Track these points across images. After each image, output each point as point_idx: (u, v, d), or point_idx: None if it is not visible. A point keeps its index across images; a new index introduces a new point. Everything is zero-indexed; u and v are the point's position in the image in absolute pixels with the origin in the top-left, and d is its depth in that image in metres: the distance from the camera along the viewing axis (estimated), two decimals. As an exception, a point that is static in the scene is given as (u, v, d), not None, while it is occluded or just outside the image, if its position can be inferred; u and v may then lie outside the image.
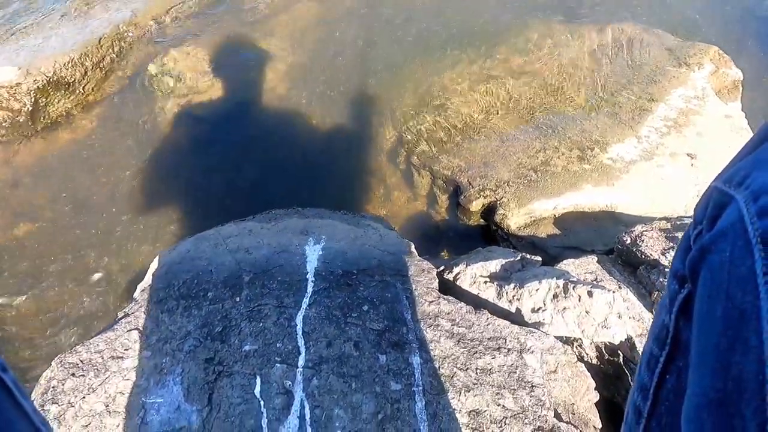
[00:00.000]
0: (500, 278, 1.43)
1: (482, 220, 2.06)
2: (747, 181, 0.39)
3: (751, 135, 0.54)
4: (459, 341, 1.19)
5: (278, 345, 1.16)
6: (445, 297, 1.31)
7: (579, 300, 1.28)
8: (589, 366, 1.27)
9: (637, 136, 2.15)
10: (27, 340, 1.73)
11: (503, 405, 1.07)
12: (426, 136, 2.26)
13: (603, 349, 1.32)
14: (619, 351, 1.29)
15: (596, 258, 1.59)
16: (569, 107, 2.30)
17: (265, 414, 1.04)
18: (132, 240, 1.94)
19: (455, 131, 2.26)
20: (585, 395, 1.18)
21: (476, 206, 2.02)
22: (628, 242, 1.58)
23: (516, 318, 1.31)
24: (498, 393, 1.09)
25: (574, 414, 1.14)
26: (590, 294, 1.27)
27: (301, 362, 1.12)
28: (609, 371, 1.31)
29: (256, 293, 1.28)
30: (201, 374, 1.11)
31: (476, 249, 1.71)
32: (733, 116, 2.28)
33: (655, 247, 1.51)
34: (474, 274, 1.43)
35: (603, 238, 1.87)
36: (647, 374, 0.49)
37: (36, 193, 2.05)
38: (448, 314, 1.25)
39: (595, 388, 1.20)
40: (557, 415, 1.09)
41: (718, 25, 2.96)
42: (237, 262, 1.38)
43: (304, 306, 1.25)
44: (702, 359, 0.39)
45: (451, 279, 1.44)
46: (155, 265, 1.43)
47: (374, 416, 1.04)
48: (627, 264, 1.59)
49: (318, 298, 1.27)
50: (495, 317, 1.26)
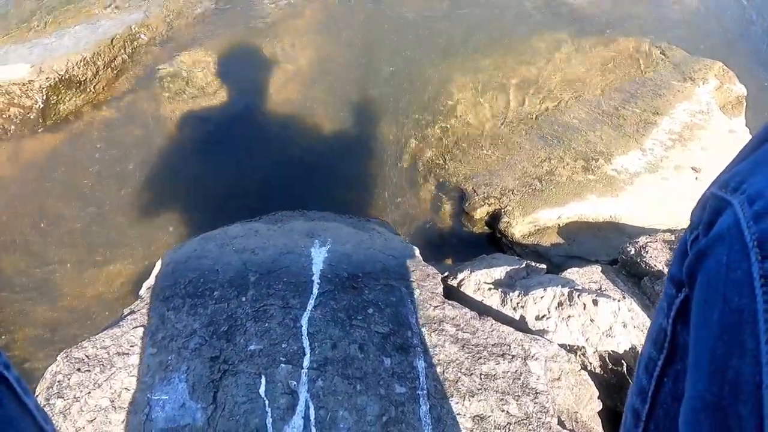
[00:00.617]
0: (505, 285, 1.44)
1: (487, 228, 2.07)
2: (743, 186, 0.39)
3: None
4: (463, 346, 1.19)
5: (283, 345, 1.16)
6: (450, 302, 1.31)
7: (584, 308, 1.29)
8: (593, 375, 1.27)
9: (642, 149, 2.17)
10: (30, 339, 1.73)
11: (507, 411, 1.07)
12: (432, 143, 2.28)
13: (607, 358, 1.32)
14: (623, 360, 1.30)
15: (600, 268, 1.59)
16: (574, 118, 2.32)
17: (270, 413, 1.04)
18: (138, 238, 1.95)
19: (461, 138, 2.28)
20: (588, 404, 1.18)
21: (481, 214, 2.03)
22: (633, 253, 1.58)
23: (520, 325, 1.31)
24: (502, 399, 1.09)
25: (578, 422, 1.14)
26: (595, 302, 1.28)
27: (306, 363, 1.13)
28: (612, 380, 1.31)
29: (262, 293, 1.29)
30: (206, 372, 1.11)
31: (480, 256, 1.71)
32: (737, 131, 2.30)
33: (659, 258, 1.52)
34: (478, 281, 1.44)
35: (607, 249, 1.88)
36: (645, 378, 0.50)
37: (43, 189, 2.06)
38: (453, 319, 1.26)
39: (599, 397, 1.20)
40: (560, 423, 1.09)
41: (723, 41, 3.00)
42: (243, 262, 1.39)
43: (310, 307, 1.25)
44: (699, 362, 0.39)
45: (455, 285, 1.45)
46: (161, 264, 1.43)
47: (378, 418, 1.04)
48: (631, 274, 1.59)
49: (323, 300, 1.27)
50: (499, 323, 1.26)
